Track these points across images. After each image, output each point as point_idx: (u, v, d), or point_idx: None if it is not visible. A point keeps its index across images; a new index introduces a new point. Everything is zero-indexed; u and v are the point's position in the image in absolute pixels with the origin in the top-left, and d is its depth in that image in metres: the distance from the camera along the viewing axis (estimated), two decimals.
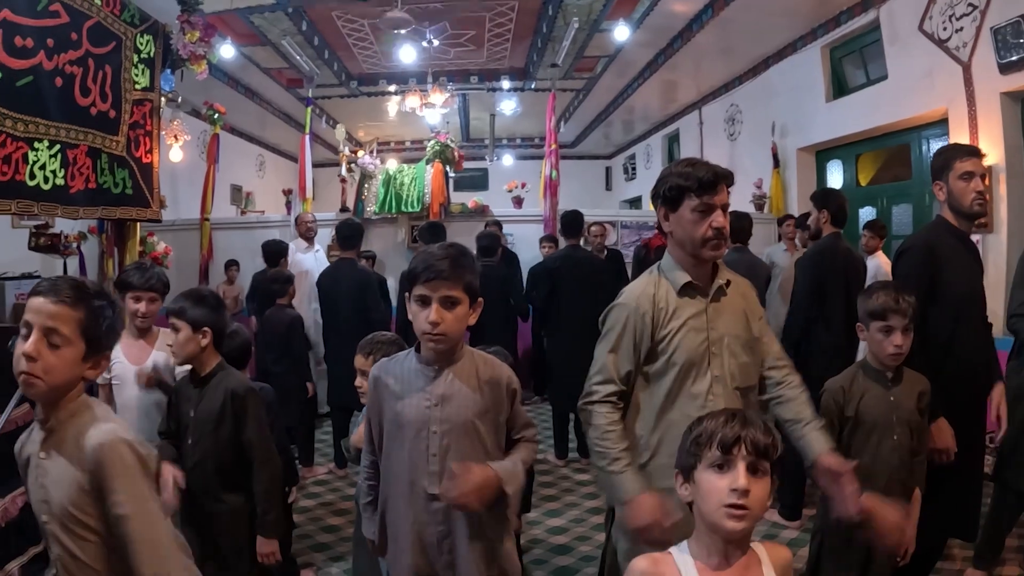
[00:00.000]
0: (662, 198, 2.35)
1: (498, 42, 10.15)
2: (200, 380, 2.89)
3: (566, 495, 5.21)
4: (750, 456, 1.54)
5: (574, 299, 5.88)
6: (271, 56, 9.78)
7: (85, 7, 4.37)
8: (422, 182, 8.61)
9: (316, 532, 4.62)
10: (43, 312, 1.69)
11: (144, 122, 5.13)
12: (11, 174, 3.88)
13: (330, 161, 13.21)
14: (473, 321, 2.21)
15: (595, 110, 13.63)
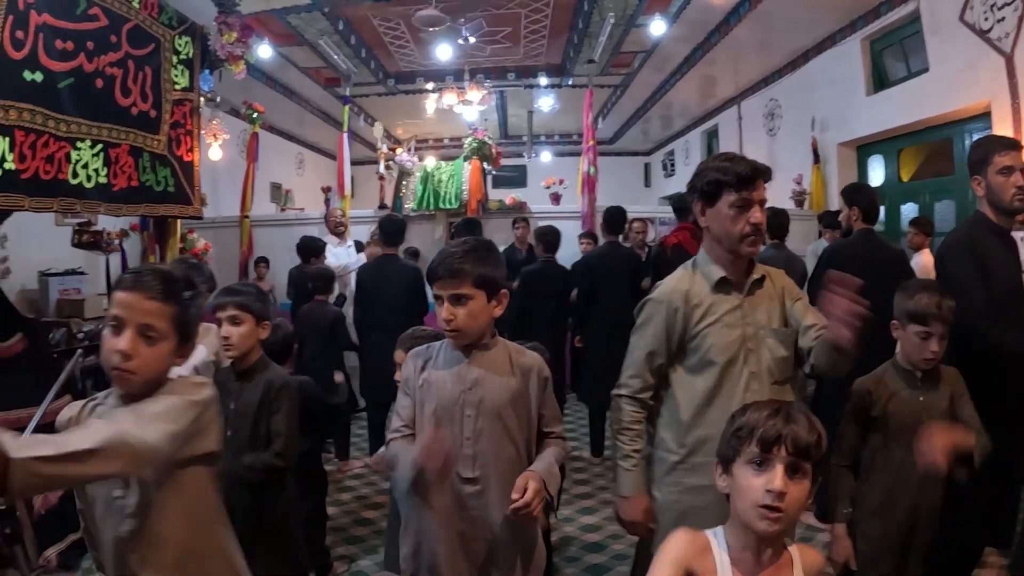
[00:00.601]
0: (699, 192, 2.35)
1: (534, 38, 10.18)
2: (242, 373, 2.90)
3: (600, 492, 5.20)
4: (790, 457, 1.49)
5: (611, 296, 5.85)
6: (309, 56, 9.91)
7: (124, 10, 4.51)
8: (460, 179, 8.71)
9: (350, 525, 4.70)
10: (137, 308, 1.70)
11: (184, 121, 5.25)
12: (54, 173, 4.02)
13: (369, 159, 13.36)
14: (498, 313, 2.24)
15: (633, 106, 13.59)
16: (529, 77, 11.84)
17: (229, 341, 2.83)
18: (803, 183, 9.19)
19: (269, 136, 12.20)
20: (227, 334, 2.83)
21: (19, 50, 3.71)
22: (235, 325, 2.83)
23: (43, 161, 3.94)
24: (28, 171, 3.84)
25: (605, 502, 4.99)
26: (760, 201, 2.27)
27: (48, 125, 3.96)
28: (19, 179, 3.78)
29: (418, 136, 14.28)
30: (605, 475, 5.57)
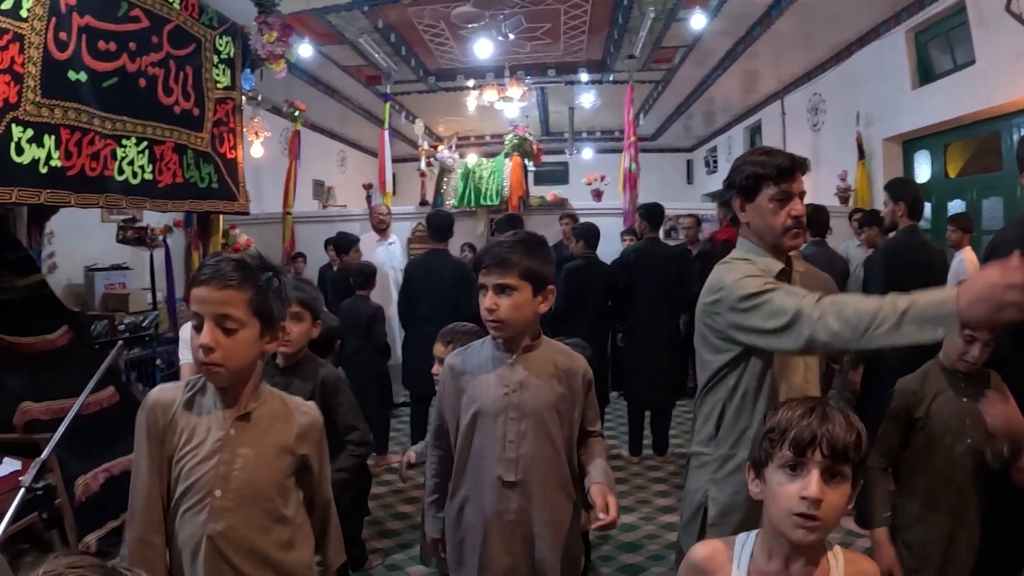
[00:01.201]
0: (738, 187, 2.29)
1: (574, 34, 10.17)
2: (288, 368, 2.89)
3: (638, 492, 5.19)
4: (826, 460, 1.39)
5: (651, 293, 5.82)
6: (349, 54, 9.99)
7: (164, 11, 4.64)
8: (501, 175, 8.73)
9: (386, 519, 4.76)
10: (211, 300, 1.70)
11: (227, 119, 5.40)
12: (100, 170, 4.16)
13: (410, 156, 13.44)
14: (543, 309, 2.22)
15: (675, 102, 13.47)
16: (569, 73, 11.80)
17: (288, 337, 2.70)
18: (847, 179, 9.07)
19: (311, 134, 12.36)
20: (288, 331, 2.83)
21: (63, 51, 3.86)
22: (296, 322, 2.80)
23: (89, 158, 4.08)
24: (74, 168, 3.98)
25: (642, 501, 4.99)
26: (800, 193, 2.23)
27: (94, 123, 4.10)
28: (65, 176, 3.92)
29: (460, 133, 14.34)
30: (643, 474, 5.55)
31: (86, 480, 3.97)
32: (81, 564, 0.87)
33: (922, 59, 7.93)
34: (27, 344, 4.51)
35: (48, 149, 3.80)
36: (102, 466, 4.17)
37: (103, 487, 4.09)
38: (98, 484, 4.06)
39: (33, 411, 4.17)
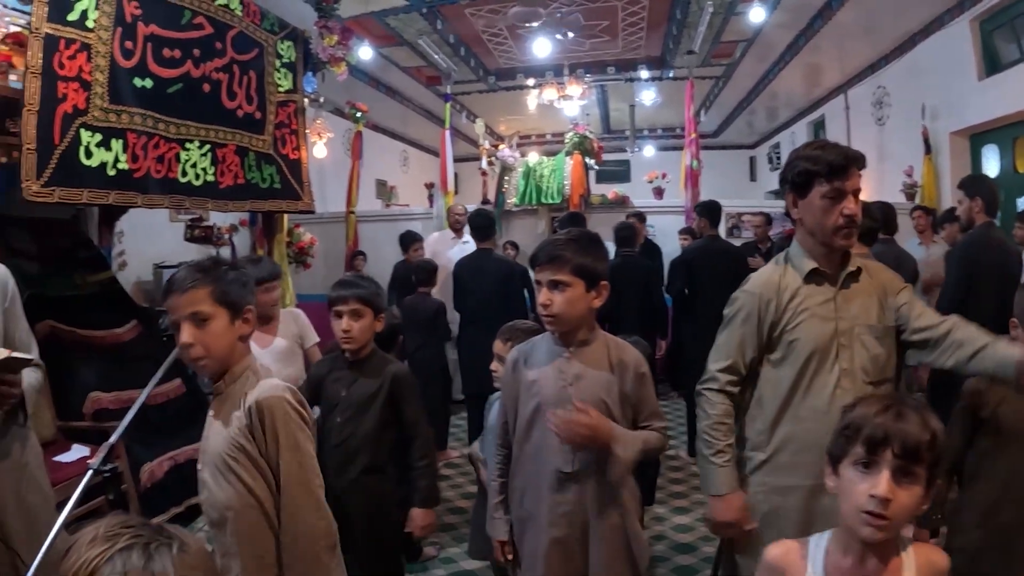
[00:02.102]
0: (790, 183, 2.28)
1: (632, 31, 10.15)
2: (356, 363, 2.94)
3: (694, 493, 5.13)
4: (897, 460, 1.39)
5: (711, 292, 5.61)
6: (409, 55, 10.14)
7: (227, 18, 4.80)
8: (562, 174, 8.77)
9: (443, 513, 4.82)
10: (180, 305, 1.91)
11: (289, 122, 5.52)
12: (165, 172, 4.33)
13: (471, 155, 13.57)
14: (596, 305, 2.27)
15: (736, 97, 13.32)
16: (629, 70, 11.76)
17: (350, 334, 2.85)
18: (914, 175, 8.88)
19: (373, 134, 12.55)
20: (348, 328, 2.85)
21: (129, 59, 4.03)
22: (357, 319, 2.86)
23: (154, 161, 4.25)
24: (140, 170, 4.15)
25: (698, 503, 4.93)
26: (854, 191, 2.18)
27: (159, 128, 4.27)
28: (132, 178, 4.09)
29: (520, 132, 14.40)
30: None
31: (151, 467, 4.16)
32: (132, 523, 1.00)
33: (988, 49, 7.71)
34: (98, 337, 4.72)
35: (116, 153, 3.96)
36: (167, 454, 4.36)
37: (167, 474, 4.28)
38: (163, 471, 4.25)
39: (103, 401, 4.38)
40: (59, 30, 3.61)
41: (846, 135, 11.08)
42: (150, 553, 0.96)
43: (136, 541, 0.97)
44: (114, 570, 0.93)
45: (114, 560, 0.94)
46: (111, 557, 0.94)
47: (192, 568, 1.00)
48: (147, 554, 0.96)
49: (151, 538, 0.99)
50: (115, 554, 0.95)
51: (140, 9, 4.09)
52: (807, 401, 2.22)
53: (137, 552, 0.96)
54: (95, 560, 0.94)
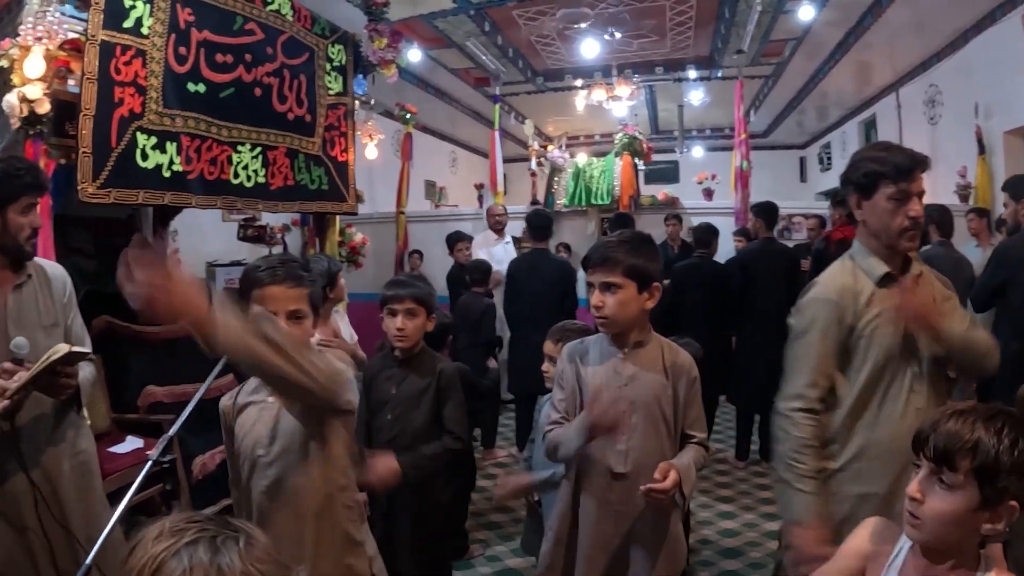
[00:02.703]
0: (854, 185, 2.24)
1: (680, 31, 10.08)
2: (406, 361, 2.97)
3: (742, 498, 5.10)
4: (929, 463, 1.36)
5: (767, 295, 5.66)
6: (457, 57, 10.20)
7: (278, 23, 4.88)
8: (611, 174, 8.75)
9: (490, 511, 4.89)
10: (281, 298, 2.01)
11: (339, 124, 5.60)
12: (217, 174, 4.45)
13: (520, 156, 13.58)
14: (649, 306, 2.26)
15: (786, 97, 13.11)
16: (677, 70, 11.67)
17: (404, 333, 2.87)
18: (967, 176, 8.66)
19: (422, 136, 12.62)
20: (402, 326, 2.86)
21: (182, 64, 4.14)
22: (411, 318, 2.88)
23: (207, 163, 4.36)
24: (194, 172, 4.26)
25: (745, 508, 4.91)
26: (919, 193, 2.16)
27: (211, 131, 4.38)
28: (186, 179, 4.21)
29: (569, 133, 14.39)
30: (748, 480, 5.45)
31: (203, 459, 4.27)
32: (198, 518, 1.00)
33: None
34: (152, 332, 4.84)
35: (170, 155, 4.08)
36: (219, 447, 4.44)
37: (219, 467, 4.37)
38: (215, 463, 4.34)
39: (156, 394, 4.50)
40: (115, 37, 3.72)
41: (898, 135, 10.85)
42: (217, 547, 0.95)
43: (202, 535, 0.96)
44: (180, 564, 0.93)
45: (180, 555, 0.93)
46: (177, 552, 0.94)
47: (259, 561, 0.98)
48: (214, 548, 0.95)
49: (217, 532, 0.98)
50: (181, 548, 0.94)
51: (193, 16, 4.19)
52: (883, 408, 2.18)
53: (204, 546, 0.95)
54: (161, 555, 0.94)
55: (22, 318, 2.46)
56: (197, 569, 0.93)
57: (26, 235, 2.47)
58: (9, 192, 2.41)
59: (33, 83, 3.34)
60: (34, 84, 3.34)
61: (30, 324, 2.47)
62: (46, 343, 2.47)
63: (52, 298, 2.60)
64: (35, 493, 2.39)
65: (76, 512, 2.52)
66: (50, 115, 3.44)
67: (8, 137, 3.53)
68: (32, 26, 3.35)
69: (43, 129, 3.45)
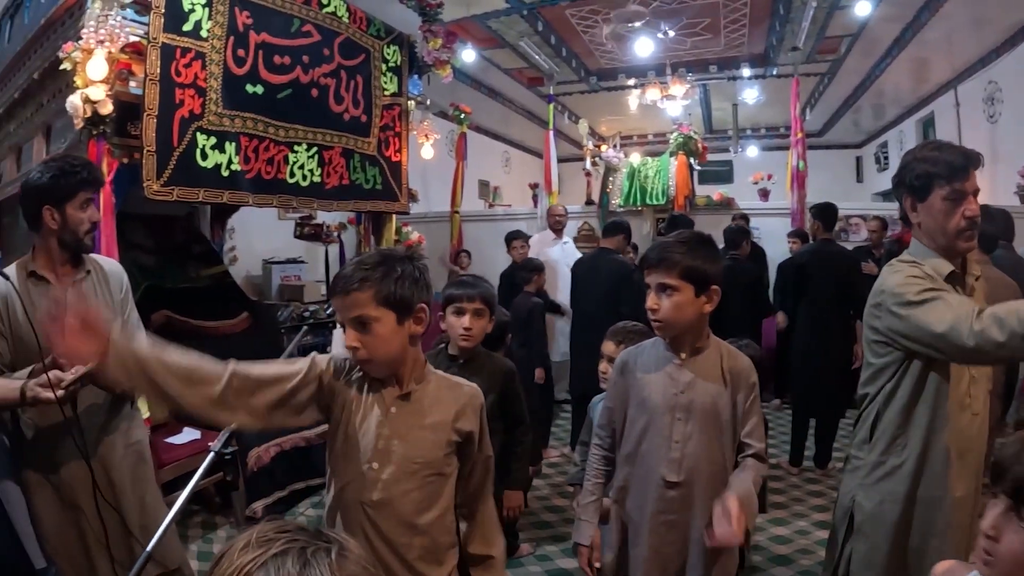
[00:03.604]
0: (908, 187, 2.18)
1: (735, 28, 9.90)
2: (464, 361, 2.95)
3: (794, 504, 4.95)
4: (1007, 498, 1.26)
5: (823, 298, 5.53)
6: (510, 57, 10.18)
7: (335, 25, 4.92)
8: (666, 175, 8.67)
9: (541, 511, 4.85)
10: (343, 307, 1.81)
11: (393, 124, 5.62)
12: (274, 173, 4.50)
13: (573, 156, 13.53)
14: (708, 310, 2.18)
15: (842, 95, 12.77)
16: (731, 68, 11.47)
17: (470, 332, 2.87)
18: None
19: (475, 135, 12.61)
20: (470, 326, 2.86)
21: (241, 66, 4.20)
22: (478, 318, 2.88)
23: (264, 163, 4.42)
24: (252, 172, 4.33)
25: (797, 515, 4.77)
26: (974, 191, 2.10)
27: (269, 131, 4.43)
28: (244, 178, 4.27)
29: (622, 132, 14.28)
30: (801, 487, 5.29)
31: (259, 452, 4.32)
32: (287, 527, 0.94)
33: None
34: (210, 327, 4.93)
35: (229, 155, 4.15)
36: (274, 441, 4.51)
37: (273, 460, 4.44)
38: (269, 457, 4.40)
39: None
40: (175, 40, 3.79)
41: (957, 133, 10.51)
42: (306, 558, 0.89)
43: (291, 546, 0.90)
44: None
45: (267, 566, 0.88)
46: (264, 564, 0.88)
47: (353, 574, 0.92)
48: (303, 559, 0.89)
49: (307, 543, 0.91)
50: (268, 560, 0.88)
51: (251, 18, 4.25)
52: (938, 410, 2.12)
53: (292, 557, 0.89)
54: (247, 566, 0.88)
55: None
56: None
57: (85, 229, 2.54)
58: (66, 189, 2.48)
59: (96, 85, 3.42)
60: (97, 86, 3.42)
61: None
62: None
63: (110, 294, 2.67)
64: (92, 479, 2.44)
65: (130, 500, 2.58)
66: (112, 116, 3.52)
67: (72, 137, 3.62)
68: (94, 29, 3.42)
69: (106, 129, 3.53)
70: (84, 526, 2.49)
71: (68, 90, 3.53)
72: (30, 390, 2.19)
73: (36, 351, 2.37)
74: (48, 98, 4.27)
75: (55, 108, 4.08)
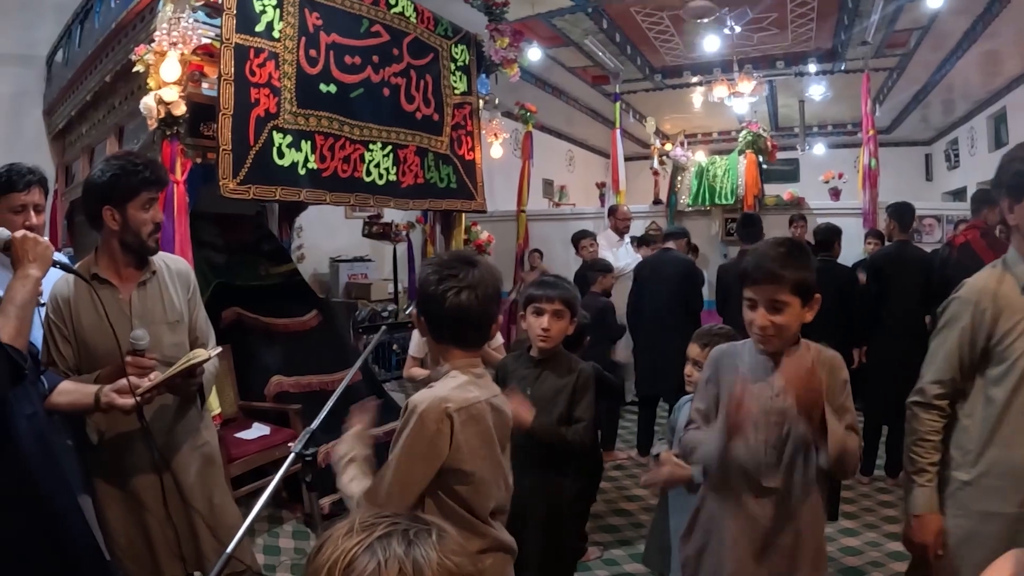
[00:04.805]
0: (1006, 188, 2.07)
1: (802, 22, 9.57)
2: (541, 361, 2.88)
3: (865, 515, 4.69)
4: None
5: (902, 301, 5.20)
6: (575, 55, 10.03)
7: (403, 25, 4.90)
8: (735, 174, 8.37)
9: (608, 514, 4.70)
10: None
11: (465, 123, 5.58)
12: (350, 171, 4.50)
13: (636, 154, 13.33)
14: (809, 318, 2.10)
15: (911, 90, 12.20)
16: (799, 64, 11.09)
17: (549, 333, 2.79)
18: None
19: (540, 134, 12.49)
20: (548, 327, 2.78)
21: (313, 66, 4.21)
22: (558, 319, 2.79)
23: (341, 161, 4.42)
24: (328, 170, 4.34)
25: (868, 525, 4.52)
26: None
27: (344, 130, 4.44)
28: (321, 177, 4.28)
29: (686, 131, 14.05)
30: (872, 496, 5.02)
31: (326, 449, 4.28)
32: (386, 513, 0.96)
33: None
34: (280, 325, 4.93)
35: (305, 153, 4.16)
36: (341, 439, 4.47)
37: None
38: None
39: (284, 384, 4.57)
40: (248, 40, 3.81)
41: None
42: (410, 539, 0.91)
43: (394, 529, 0.92)
44: (374, 559, 0.89)
45: (373, 548, 0.89)
46: (370, 546, 0.90)
47: (453, 553, 0.93)
48: (407, 540, 0.91)
49: (409, 525, 0.94)
50: (374, 542, 0.90)
51: (321, 20, 4.26)
52: (1019, 424, 2.00)
53: (397, 539, 0.91)
54: (353, 549, 0.90)
55: (146, 314, 2.44)
56: (392, 562, 0.89)
57: (148, 230, 2.42)
58: (127, 189, 2.36)
59: (169, 86, 3.42)
60: (170, 87, 3.42)
61: (154, 320, 2.45)
62: (170, 339, 2.48)
63: (177, 294, 2.57)
64: (162, 482, 2.39)
65: (198, 502, 2.51)
66: (186, 116, 3.52)
67: (144, 138, 3.62)
68: (166, 32, 3.43)
69: (179, 130, 3.54)
70: (151, 528, 2.43)
71: (140, 92, 3.56)
72: (105, 396, 2.13)
73: (100, 356, 2.34)
74: (120, 100, 4.33)
75: (127, 110, 4.14)
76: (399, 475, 1.78)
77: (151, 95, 3.41)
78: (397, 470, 1.78)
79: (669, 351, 4.71)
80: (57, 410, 2.18)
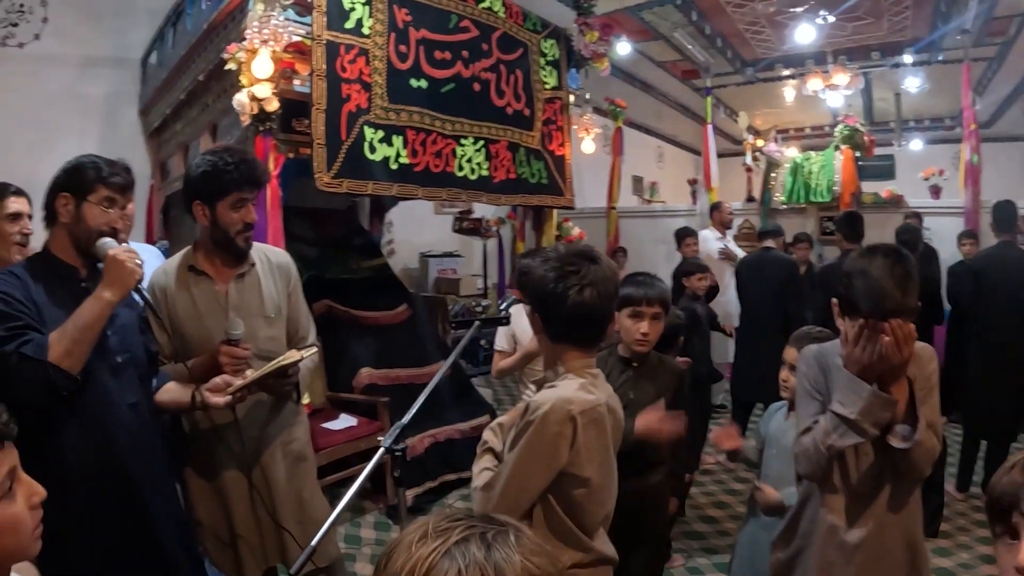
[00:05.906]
0: None
1: (898, 11, 9.05)
2: (637, 362, 2.70)
3: (959, 534, 4.28)
4: None
5: (1001, 305, 4.69)
6: (664, 49, 9.81)
7: (491, 20, 4.81)
8: (831, 170, 8.01)
9: (694, 520, 4.47)
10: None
11: (555, 118, 5.48)
12: (442, 166, 4.46)
13: (727, 151, 12.91)
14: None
15: (1012, 81, 11.28)
16: (895, 54, 10.49)
17: (647, 338, 2.58)
18: None
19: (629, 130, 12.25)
20: (648, 331, 2.58)
21: (404, 62, 4.17)
22: (657, 322, 2.60)
23: (432, 156, 4.38)
24: (420, 165, 4.29)
25: (962, 546, 4.12)
26: None
27: (435, 125, 4.39)
28: (412, 171, 4.25)
29: (777, 126, 13.58)
30: (967, 515, 4.55)
31: (413, 442, 4.27)
32: (459, 516, 0.89)
33: None
34: (369, 318, 4.93)
35: (396, 148, 4.13)
36: (428, 432, 4.46)
37: (427, 451, 4.39)
38: (423, 447, 4.35)
39: (373, 376, 4.58)
40: (338, 37, 3.80)
41: None
42: (489, 542, 0.85)
43: (471, 532, 0.86)
44: (454, 564, 0.82)
45: (452, 553, 0.83)
46: (448, 551, 0.83)
47: (534, 553, 0.86)
48: (486, 544, 0.85)
49: (486, 528, 0.87)
50: (452, 547, 0.84)
51: (410, 16, 4.22)
52: None
53: (476, 543, 0.85)
54: (430, 556, 0.83)
55: (242, 306, 2.37)
56: (472, 567, 0.82)
57: (237, 230, 2.32)
58: (217, 187, 2.26)
59: (261, 83, 3.42)
60: (262, 84, 3.43)
61: (250, 313, 2.38)
62: (266, 332, 2.41)
63: (276, 287, 2.48)
64: (250, 476, 2.34)
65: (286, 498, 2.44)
66: (278, 112, 3.52)
67: (238, 134, 3.62)
68: (257, 30, 3.43)
69: (272, 126, 3.54)
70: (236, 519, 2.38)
71: (233, 90, 3.57)
72: (200, 394, 2.10)
73: (195, 346, 2.30)
74: (213, 98, 4.38)
75: (220, 107, 4.19)
76: (516, 477, 1.66)
77: (244, 92, 3.42)
78: (514, 472, 1.66)
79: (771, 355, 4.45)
80: (161, 408, 2.17)
